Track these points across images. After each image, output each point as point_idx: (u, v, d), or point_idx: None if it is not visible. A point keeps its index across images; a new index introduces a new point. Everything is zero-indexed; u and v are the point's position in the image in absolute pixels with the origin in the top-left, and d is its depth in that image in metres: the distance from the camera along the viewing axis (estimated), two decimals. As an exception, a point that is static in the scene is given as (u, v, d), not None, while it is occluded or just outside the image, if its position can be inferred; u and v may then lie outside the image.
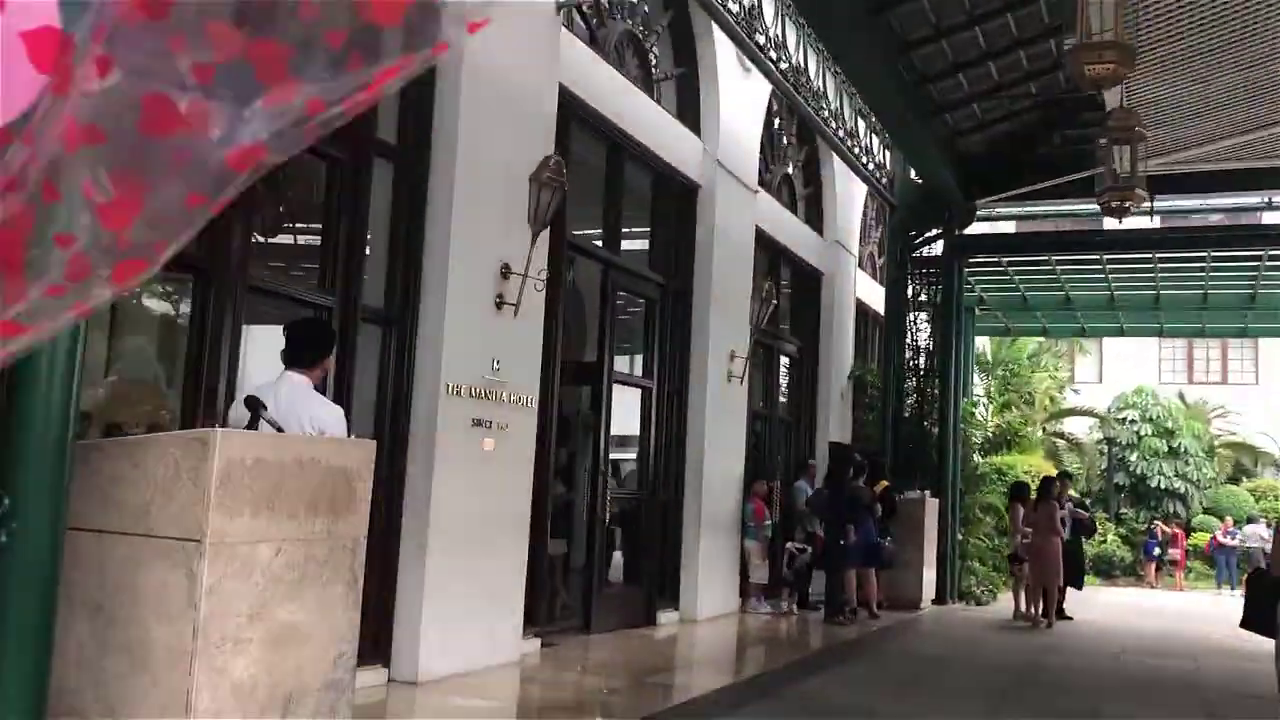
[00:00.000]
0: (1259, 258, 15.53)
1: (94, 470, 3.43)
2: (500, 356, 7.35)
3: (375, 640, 6.59)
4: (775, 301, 11.59)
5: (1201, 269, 16.44)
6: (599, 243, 9.82)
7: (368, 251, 6.88)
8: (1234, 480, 27.04)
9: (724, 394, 11.22)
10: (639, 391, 10.49)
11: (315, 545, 3.64)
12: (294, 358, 4.52)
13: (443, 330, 6.84)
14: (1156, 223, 14.90)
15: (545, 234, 7.83)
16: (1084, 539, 14.55)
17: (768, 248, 13.22)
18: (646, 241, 10.94)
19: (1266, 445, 29.55)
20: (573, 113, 8.74)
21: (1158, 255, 15.77)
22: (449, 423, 6.87)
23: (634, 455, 10.75)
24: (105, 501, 3.42)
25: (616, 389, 9.87)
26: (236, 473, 3.34)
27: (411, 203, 6.90)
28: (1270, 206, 14.56)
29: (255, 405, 4.03)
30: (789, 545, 10.71)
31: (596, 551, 9.33)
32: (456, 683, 6.68)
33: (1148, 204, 14.06)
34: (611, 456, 9.99)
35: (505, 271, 7.33)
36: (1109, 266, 16.69)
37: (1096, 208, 13.21)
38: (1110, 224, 14.55)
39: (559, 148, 8.33)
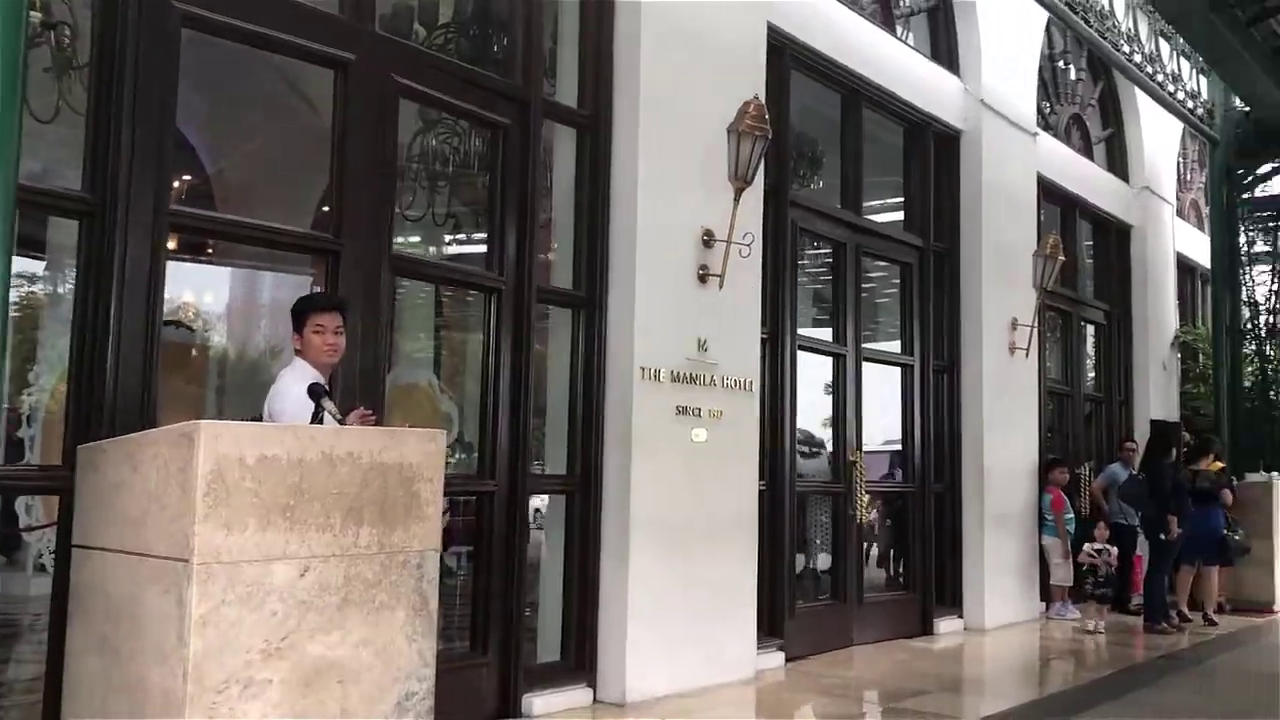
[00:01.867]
0: None
1: (99, 475, 2.91)
2: (707, 335, 6.48)
3: (578, 658, 5.94)
4: (1063, 258, 9.94)
5: None
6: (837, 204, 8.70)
7: (548, 228, 6.26)
8: None
9: (1005, 369, 9.77)
10: (898, 370, 9.27)
11: (361, 562, 2.96)
12: None
13: (633, 309, 6.07)
14: None
15: (758, 195, 6.92)
16: None
17: (1056, 199, 11.53)
18: (900, 199, 9.68)
19: None
20: (790, 57, 7.73)
21: None
22: (647, 411, 6.09)
23: (897, 445, 9.53)
24: (107, 512, 2.90)
25: (868, 368, 8.72)
26: (233, 474, 2.71)
27: (594, 170, 6.19)
28: None
29: (318, 394, 3.42)
30: (1085, 548, 9.08)
31: (851, 552, 8.24)
32: (671, 704, 5.89)
33: None
34: (869, 446, 8.86)
35: (708, 239, 6.47)
36: None
37: None
38: None
39: (774, 98, 7.40)
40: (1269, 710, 6.52)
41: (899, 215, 9.71)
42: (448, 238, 9.84)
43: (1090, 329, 12.55)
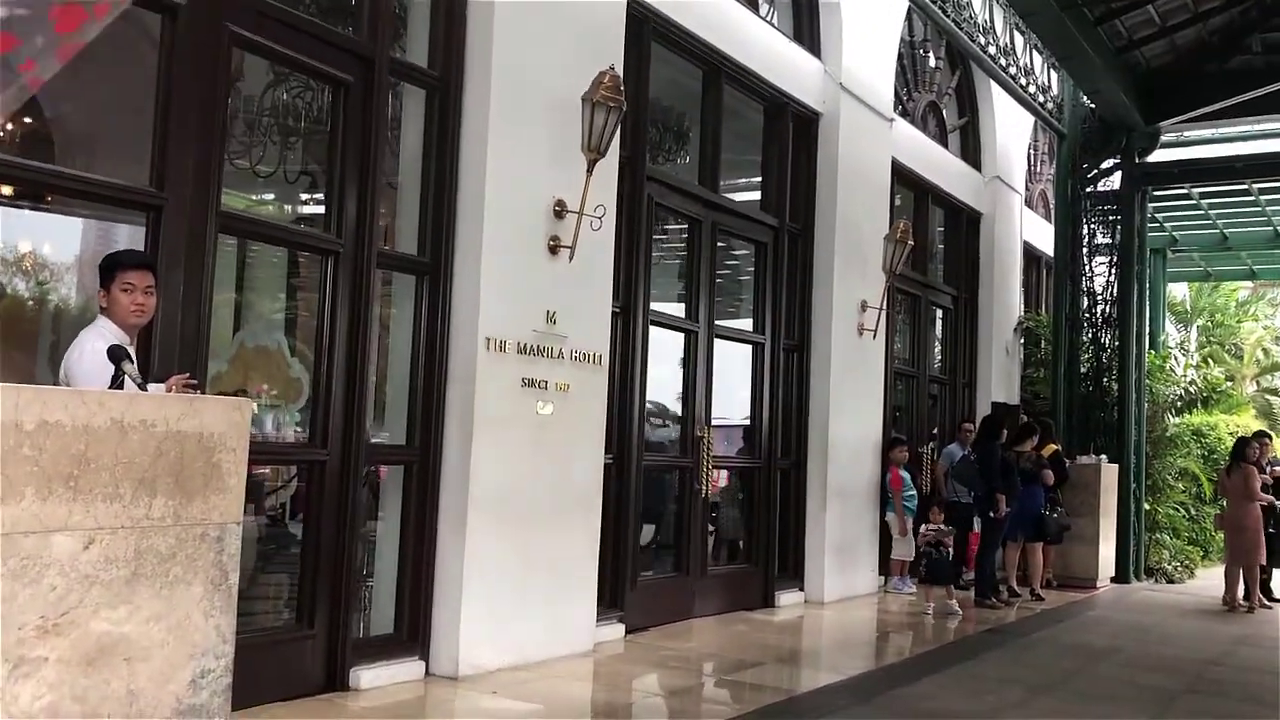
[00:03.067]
0: None
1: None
2: (557, 307, 6.42)
3: (411, 631, 5.85)
4: (912, 243, 10.21)
5: None
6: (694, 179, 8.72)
7: (392, 190, 6.09)
8: None
9: (854, 349, 10.00)
10: (748, 348, 9.38)
11: (153, 534, 2.81)
12: None
13: (479, 278, 5.96)
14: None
15: (613, 167, 6.88)
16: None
17: (910, 185, 11.82)
18: (758, 178, 9.76)
19: None
20: (652, 29, 7.69)
21: (1387, 177, 13.45)
22: (491, 383, 6.00)
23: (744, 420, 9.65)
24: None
25: (720, 345, 8.80)
26: (8, 440, 2.53)
27: (442, 134, 6.04)
28: None
29: (119, 356, 3.24)
30: (922, 529, 9.38)
31: (696, 526, 8.33)
32: (503, 677, 5.85)
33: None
34: (717, 422, 8.94)
35: (560, 210, 6.39)
36: (1327, 194, 14.41)
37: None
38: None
39: (634, 70, 7.36)
40: (1082, 682, 6.86)
41: (757, 195, 9.80)
42: (304, 196, 9.52)
43: (939, 312, 12.94)
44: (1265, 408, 23.31)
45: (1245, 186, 14.41)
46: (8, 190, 5.16)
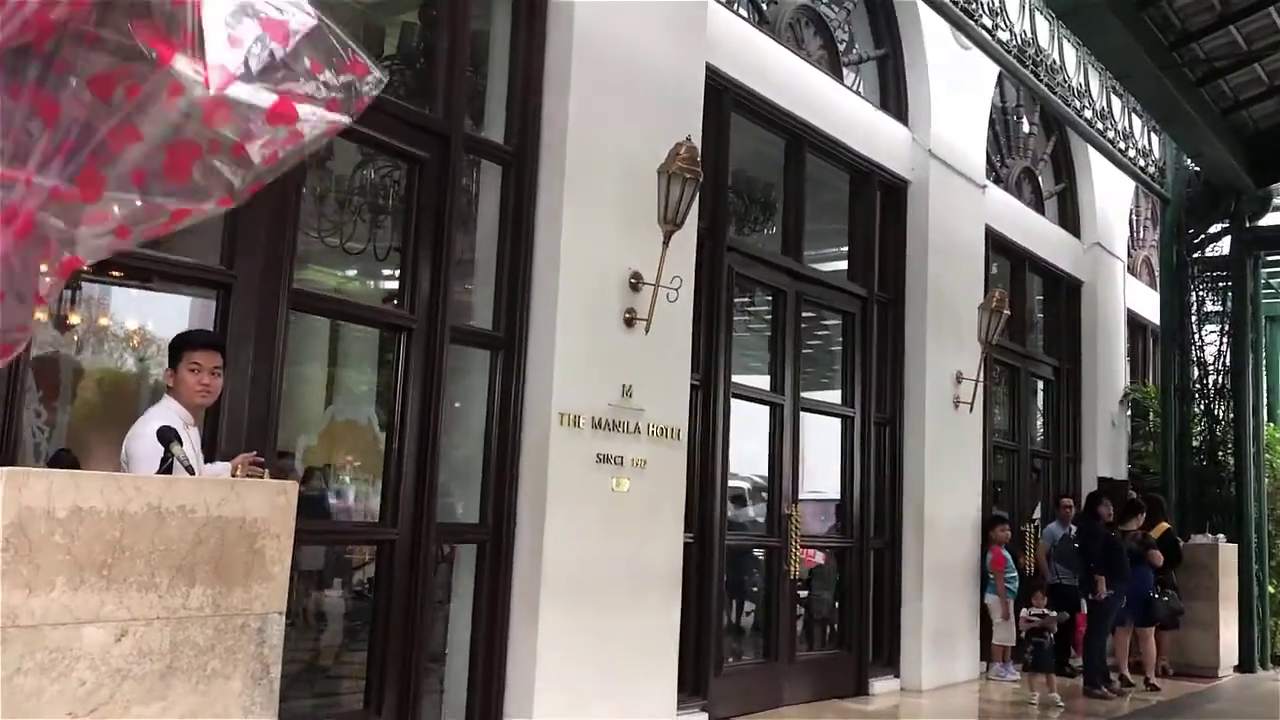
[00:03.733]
0: None
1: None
2: (632, 381, 6.27)
3: (483, 713, 5.65)
4: (1008, 312, 9.84)
5: None
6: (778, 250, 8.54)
7: (466, 265, 6.04)
8: None
9: (949, 423, 9.62)
10: (837, 422, 9.08)
11: (191, 625, 2.69)
12: None
13: (553, 351, 5.85)
14: None
15: (690, 238, 6.75)
16: None
17: (1005, 252, 11.47)
18: (844, 248, 9.55)
19: None
20: (731, 99, 7.60)
21: None
22: (564, 459, 5.85)
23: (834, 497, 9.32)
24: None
25: (814, 420, 8.54)
26: (39, 528, 2.44)
27: (518, 208, 5.99)
28: None
29: (167, 438, 3.16)
30: (1024, 612, 8.88)
31: (784, 608, 8.00)
32: (579, 769, 5.60)
33: None
34: (810, 497, 8.66)
35: (635, 282, 6.27)
36: None
37: None
38: None
39: (712, 140, 7.26)
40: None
41: (844, 265, 9.58)
42: (386, 272, 9.63)
43: (1040, 384, 12.46)
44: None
45: (1365, 248, 13.68)
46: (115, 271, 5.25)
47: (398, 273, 9.35)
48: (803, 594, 10.59)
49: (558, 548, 5.77)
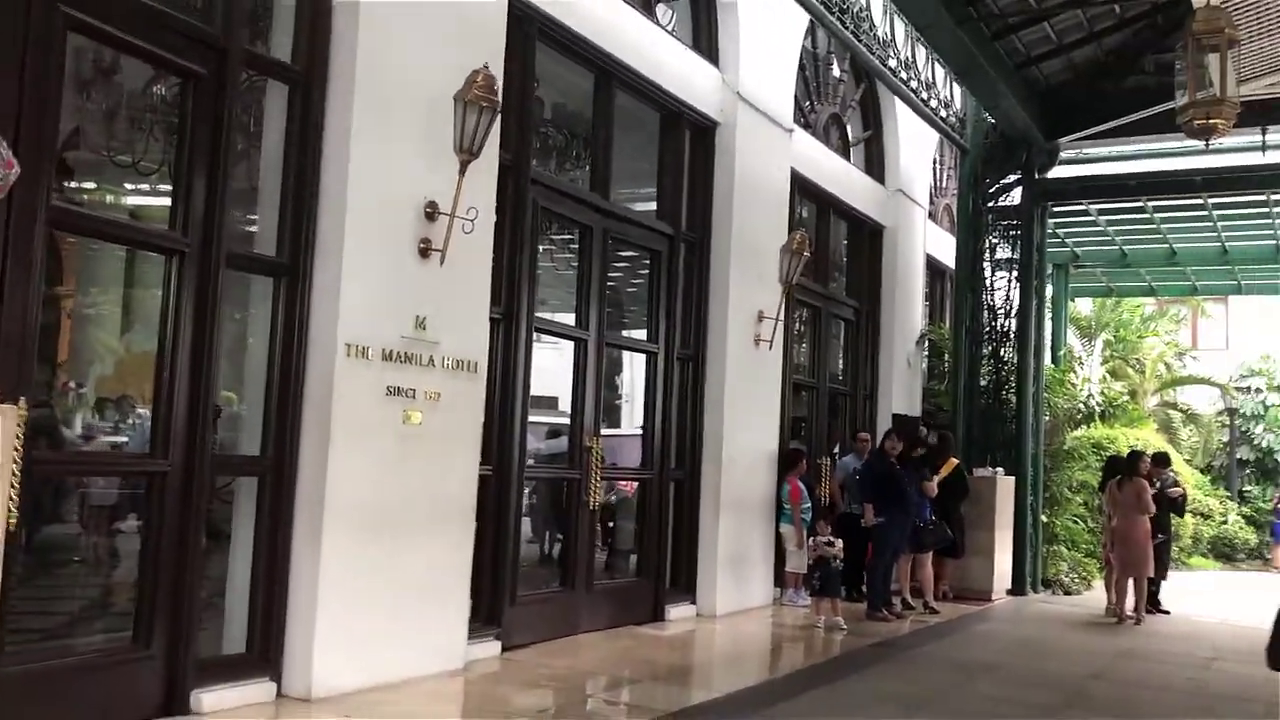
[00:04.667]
0: (1397, 197, 13.43)
1: None
2: (427, 312, 6.20)
3: (264, 649, 5.57)
4: (808, 254, 10.16)
5: (1329, 213, 14.35)
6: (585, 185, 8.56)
7: (250, 190, 5.83)
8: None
9: (750, 360, 9.91)
10: (642, 357, 9.24)
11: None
12: None
13: (340, 281, 5.73)
14: (1271, 160, 12.88)
15: (491, 169, 6.70)
16: (1173, 518, 12.70)
17: (811, 196, 11.81)
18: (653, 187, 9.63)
19: None
20: (537, 29, 7.51)
21: (1273, 198, 13.74)
22: (351, 391, 5.77)
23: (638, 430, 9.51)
24: None
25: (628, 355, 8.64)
26: None
27: (305, 131, 5.80)
28: None
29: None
30: (811, 541, 9.33)
31: (583, 539, 8.15)
32: (360, 699, 5.60)
33: (1258, 137, 12.27)
34: (607, 431, 8.80)
35: (431, 212, 6.18)
36: (1217, 214, 14.67)
37: (1200, 145, 11.46)
38: (1213, 162, 12.68)
39: (516, 70, 7.18)
40: (961, 698, 6.81)
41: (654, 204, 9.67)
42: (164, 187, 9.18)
43: (841, 324, 12.95)
44: (1166, 421, 23.83)
45: (1141, 204, 14.66)
46: None
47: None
48: (609, 524, 10.86)
49: (343, 481, 5.70)
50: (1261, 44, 9.43)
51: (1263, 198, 13.76)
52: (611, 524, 10.92)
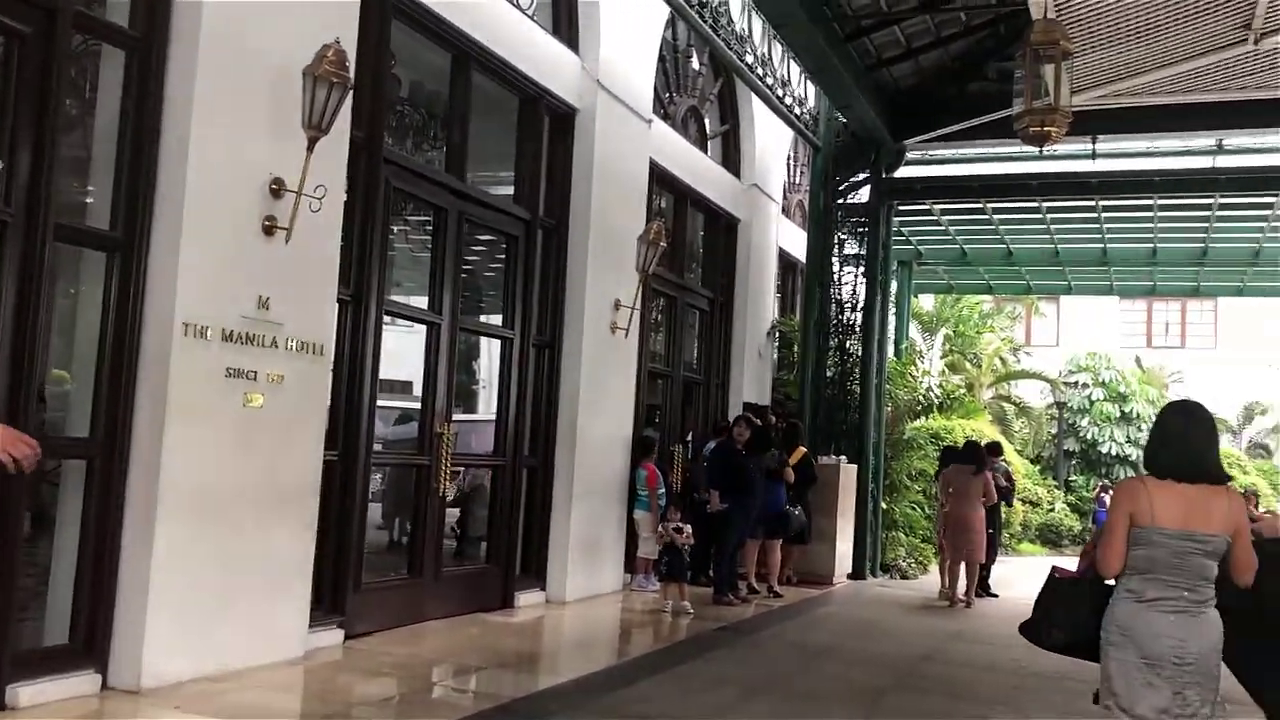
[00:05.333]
0: (1209, 207, 14.38)
1: None
2: (270, 293, 6.03)
3: (89, 640, 5.34)
4: (665, 244, 10.27)
5: (1150, 220, 15.27)
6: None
7: (83, 160, 5.55)
8: (1189, 447, 26.02)
9: (607, 347, 9.96)
10: (496, 344, 9.19)
11: None
12: None
13: (177, 257, 5.51)
14: (1101, 167, 13.65)
15: (342, 148, 6.55)
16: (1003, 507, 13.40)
17: (669, 187, 11.94)
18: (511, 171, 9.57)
19: (1223, 411, 28.72)
20: (391, 6, 7.35)
21: (1102, 204, 14.56)
22: (189, 372, 5.56)
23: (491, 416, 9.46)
24: None
25: (468, 339, 8.56)
26: None
27: (142, 99, 5.54)
28: (1221, 150, 13.36)
29: None
30: (662, 526, 9.46)
31: (432, 526, 8.06)
32: (193, 689, 5.42)
33: (1089, 145, 12.96)
34: (460, 417, 8.72)
35: (277, 189, 6.00)
36: (1050, 217, 15.48)
37: (1036, 151, 12.03)
38: (1047, 168, 13.36)
39: (370, 48, 7.03)
40: (798, 681, 7.02)
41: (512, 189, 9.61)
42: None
43: (696, 314, 13.13)
44: (1000, 414, 25.05)
45: (981, 205, 15.32)
46: None
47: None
48: (461, 511, 10.77)
49: (179, 465, 5.49)
50: (1093, 57, 9.92)
51: (1092, 203, 14.56)
52: (463, 511, 10.86)
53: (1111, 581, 3.83)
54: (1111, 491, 3.51)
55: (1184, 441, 3.78)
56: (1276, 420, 28.35)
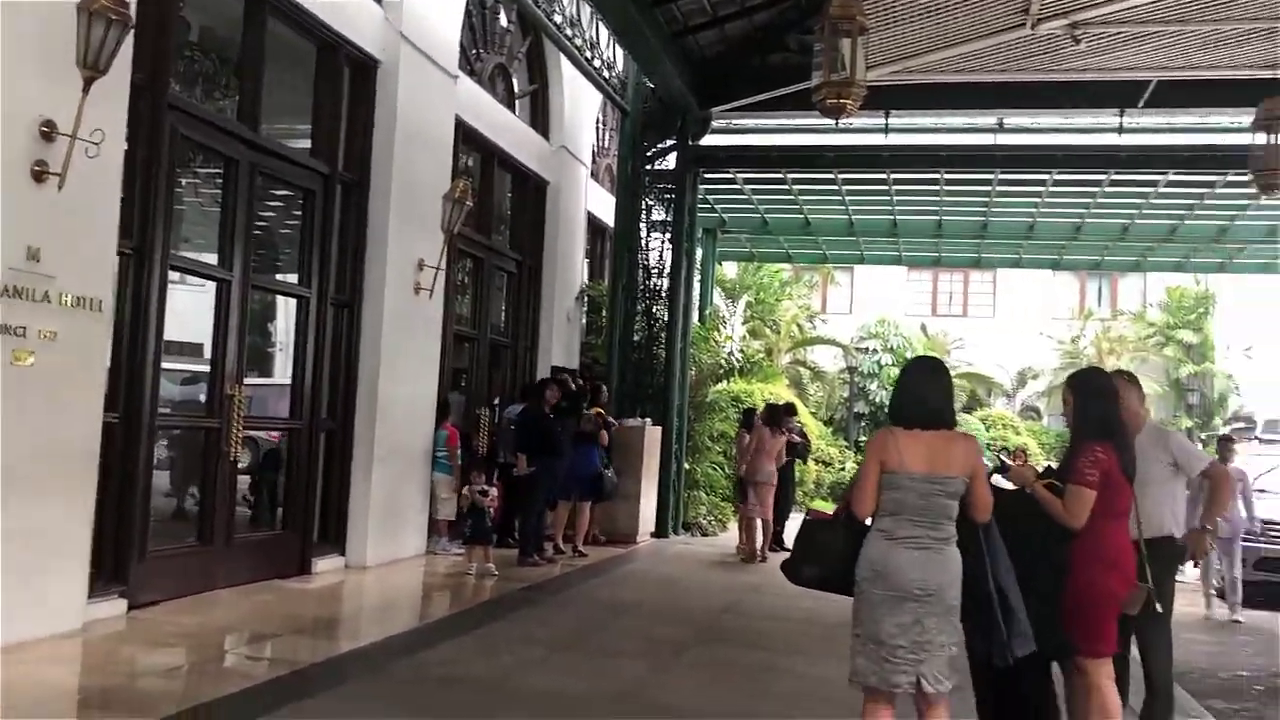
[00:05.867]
0: (990, 183, 15.26)
1: None
2: (40, 244, 5.61)
3: None
4: (471, 204, 10.12)
5: (935, 194, 16.08)
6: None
7: None
8: (968, 410, 27.79)
9: (410, 308, 9.76)
10: (293, 302, 8.87)
11: None
12: None
13: (-68, 202, 5.06)
14: (893, 141, 14.25)
15: (122, 91, 6.15)
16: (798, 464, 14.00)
17: (476, 146, 11.76)
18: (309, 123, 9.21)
19: (999, 376, 30.74)
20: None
21: (893, 178, 15.23)
22: (-53, 327, 5.13)
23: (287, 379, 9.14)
24: None
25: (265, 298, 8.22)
26: None
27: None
28: (1002, 129, 14.19)
29: None
30: (467, 489, 9.40)
31: (222, 491, 7.74)
32: (-46, 669, 5.04)
33: (882, 120, 13.51)
34: (255, 380, 8.39)
35: (48, 132, 5.58)
36: (845, 189, 16.07)
37: (833, 123, 12.44)
38: (844, 141, 13.85)
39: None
40: (602, 638, 7.12)
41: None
42: None
43: (504, 277, 13.03)
44: (796, 378, 26.01)
45: (781, 176, 15.76)
46: None
47: None
48: (255, 476, 10.40)
49: (-65, 426, 5.08)
50: (888, 34, 10.36)
51: (884, 176, 15.20)
52: (258, 476, 10.48)
53: (870, 522, 4.05)
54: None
55: (924, 393, 4.07)
56: (1046, 384, 30.49)
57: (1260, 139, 9.34)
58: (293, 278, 9.11)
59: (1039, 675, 4.42)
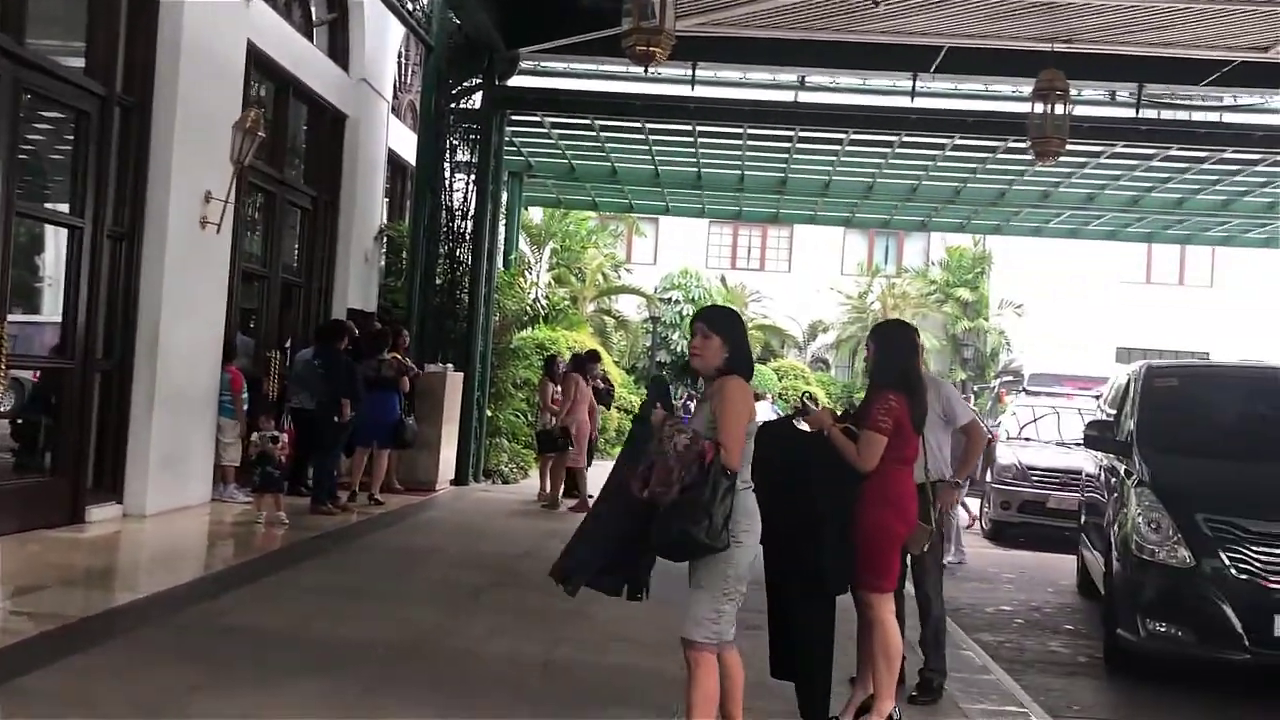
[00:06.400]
0: (790, 140, 15.63)
1: None
2: None
3: None
4: (263, 135, 9.61)
5: (739, 148, 16.36)
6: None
7: None
8: (762, 360, 28.71)
9: (195, 243, 9.21)
10: (64, 233, 8.22)
11: None
12: None
13: None
14: (699, 93, 14.38)
15: None
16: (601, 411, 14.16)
17: (269, 74, 11.17)
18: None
19: (792, 328, 31.85)
20: None
21: (699, 130, 15.38)
22: None
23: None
24: None
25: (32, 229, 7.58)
26: None
27: None
28: (804, 87, 14.54)
29: None
30: (256, 435, 9.01)
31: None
32: None
33: (689, 71, 13.60)
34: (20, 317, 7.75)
35: None
36: (652, 139, 16.13)
37: (642, 72, 12.44)
38: (652, 90, 13.89)
39: None
40: (396, 587, 7.00)
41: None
42: None
43: (298, 213, 12.49)
44: (601, 326, 26.20)
45: (589, 122, 15.66)
46: None
47: None
48: (18, 421, 9.67)
49: None
50: (695, -15, 10.39)
51: (689, 128, 15.31)
52: (22, 419, 9.74)
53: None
54: (727, 397, 3.76)
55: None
56: (835, 337, 31.84)
57: (1038, 108, 9.92)
58: (64, 207, 8.43)
59: (826, 604, 4.60)
